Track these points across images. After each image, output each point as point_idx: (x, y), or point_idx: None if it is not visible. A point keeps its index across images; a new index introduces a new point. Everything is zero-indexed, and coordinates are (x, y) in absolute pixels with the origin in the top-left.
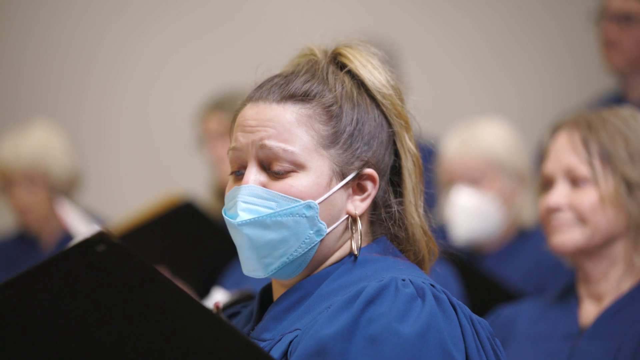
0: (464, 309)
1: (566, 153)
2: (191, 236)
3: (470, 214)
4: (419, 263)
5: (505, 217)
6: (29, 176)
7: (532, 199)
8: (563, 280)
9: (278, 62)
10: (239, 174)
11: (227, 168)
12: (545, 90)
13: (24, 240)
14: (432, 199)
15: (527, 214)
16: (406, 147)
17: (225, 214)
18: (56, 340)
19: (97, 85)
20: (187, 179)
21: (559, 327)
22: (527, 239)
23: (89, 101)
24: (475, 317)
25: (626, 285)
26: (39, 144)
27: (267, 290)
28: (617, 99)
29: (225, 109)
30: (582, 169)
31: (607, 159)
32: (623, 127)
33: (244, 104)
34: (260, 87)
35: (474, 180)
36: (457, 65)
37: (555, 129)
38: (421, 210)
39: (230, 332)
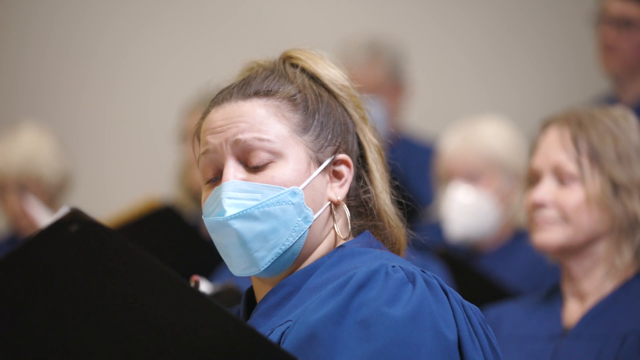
0: (455, 295)
1: (555, 149)
2: (170, 240)
3: (466, 210)
4: (397, 252)
5: (501, 216)
6: (21, 182)
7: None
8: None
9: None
10: (214, 180)
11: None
12: (544, 90)
13: (15, 244)
14: (430, 195)
15: (524, 214)
16: (367, 138)
17: (207, 217)
18: (36, 326)
19: (96, 86)
20: None
21: (543, 328)
22: (522, 240)
23: (88, 102)
24: (466, 303)
25: (609, 286)
26: (29, 148)
27: (251, 291)
28: (611, 101)
29: None
30: (570, 167)
31: (596, 158)
32: (613, 126)
33: (207, 111)
34: (220, 93)
35: (472, 176)
36: (457, 65)
37: (545, 125)
38: (389, 198)
39: (208, 304)
